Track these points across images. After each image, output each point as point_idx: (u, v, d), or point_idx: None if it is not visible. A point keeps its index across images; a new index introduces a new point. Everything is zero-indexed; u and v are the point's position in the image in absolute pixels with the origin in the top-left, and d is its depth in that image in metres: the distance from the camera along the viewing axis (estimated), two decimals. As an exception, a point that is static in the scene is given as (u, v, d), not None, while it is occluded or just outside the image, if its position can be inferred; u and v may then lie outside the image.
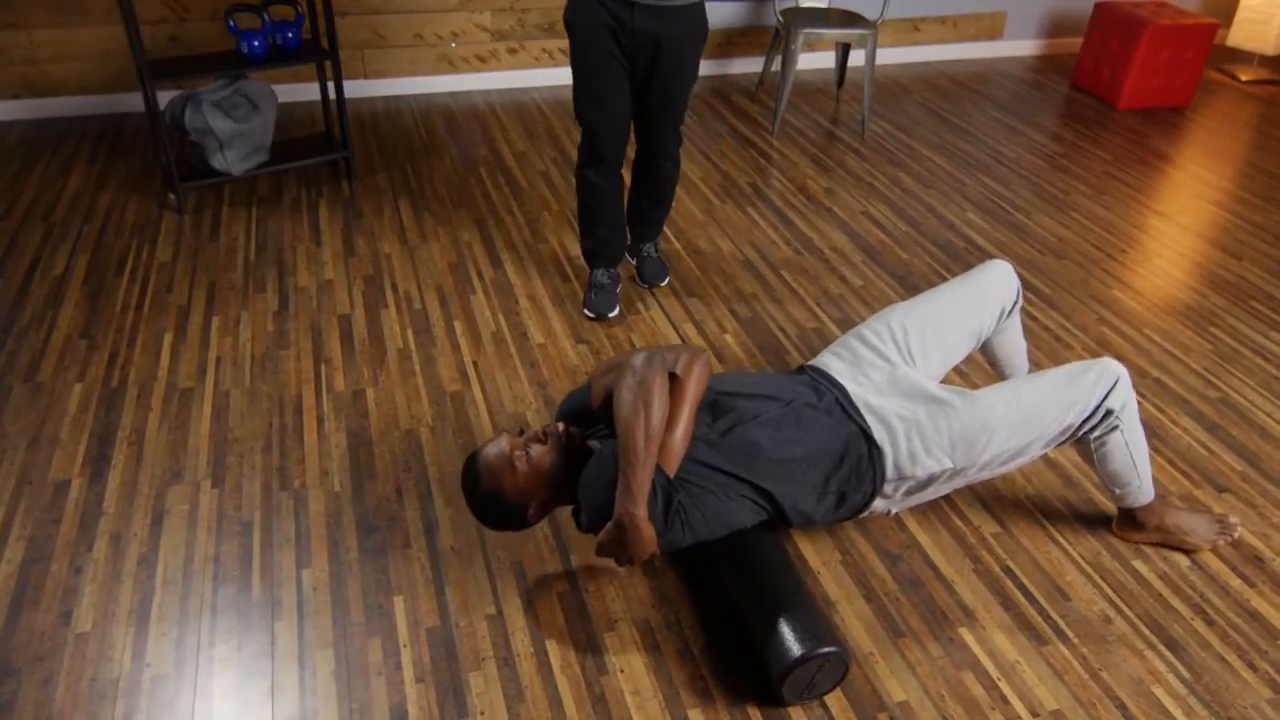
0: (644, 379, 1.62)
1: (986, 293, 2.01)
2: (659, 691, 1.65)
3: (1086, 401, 1.77)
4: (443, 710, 1.61)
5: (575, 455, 1.73)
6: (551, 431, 1.73)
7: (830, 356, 1.97)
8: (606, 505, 1.63)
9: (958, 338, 1.99)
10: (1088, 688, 1.69)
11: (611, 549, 1.63)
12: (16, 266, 2.80)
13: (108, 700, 1.60)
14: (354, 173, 3.37)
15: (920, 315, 1.97)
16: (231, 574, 1.85)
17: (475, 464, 1.72)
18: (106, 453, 2.12)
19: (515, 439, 1.72)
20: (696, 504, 1.67)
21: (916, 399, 1.82)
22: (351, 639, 1.72)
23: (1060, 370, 1.82)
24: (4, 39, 3.62)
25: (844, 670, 1.62)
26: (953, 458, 1.77)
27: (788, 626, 1.60)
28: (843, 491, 1.78)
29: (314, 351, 2.48)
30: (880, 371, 1.89)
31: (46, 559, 1.86)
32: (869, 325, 1.98)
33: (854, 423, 1.79)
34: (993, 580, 1.90)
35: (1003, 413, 1.77)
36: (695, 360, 1.70)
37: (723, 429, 1.73)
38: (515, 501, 1.70)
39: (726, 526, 1.72)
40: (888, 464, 1.78)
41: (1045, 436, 1.79)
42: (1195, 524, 1.98)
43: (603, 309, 2.64)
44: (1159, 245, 3.20)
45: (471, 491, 1.72)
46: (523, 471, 1.68)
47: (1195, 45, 4.24)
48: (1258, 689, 1.70)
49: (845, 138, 3.96)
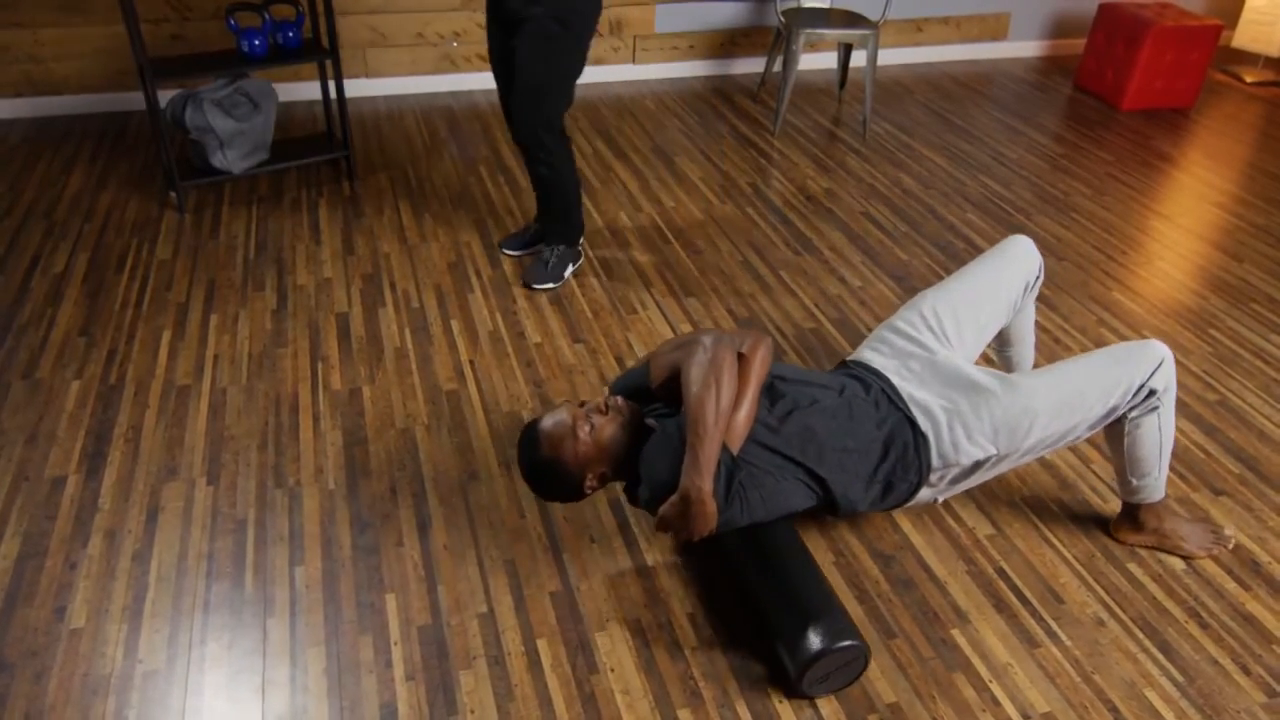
0: (715, 356, 1.64)
1: (1012, 267, 2.02)
2: (649, 691, 1.65)
3: (1131, 381, 1.77)
4: (432, 708, 1.61)
5: (635, 431, 1.75)
6: (614, 404, 1.75)
7: (870, 352, 1.97)
8: (670, 480, 1.64)
9: (990, 314, 2.00)
10: (1080, 690, 1.68)
11: (675, 523, 1.64)
12: (17, 264, 2.82)
13: (99, 696, 1.61)
14: (354, 172, 3.37)
15: (950, 297, 1.98)
16: (225, 571, 1.85)
17: (535, 431, 1.73)
18: (103, 449, 2.13)
19: (577, 409, 1.74)
20: (755, 484, 1.69)
21: (958, 387, 1.82)
22: (343, 636, 1.73)
23: (1103, 352, 1.81)
24: (8, 37, 3.64)
25: (860, 670, 1.64)
26: (996, 444, 1.78)
27: (819, 617, 1.61)
28: (889, 481, 1.80)
29: (311, 350, 2.49)
30: (920, 361, 1.90)
31: (41, 555, 1.87)
32: (900, 316, 2.00)
33: (901, 414, 1.81)
34: (986, 582, 1.90)
35: (1045, 397, 1.77)
36: (760, 343, 1.74)
37: (781, 413, 1.75)
38: (573, 470, 1.72)
39: (780, 509, 1.74)
40: (932, 454, 1.79)
41: (1090, 419, 1.79)
42: (1192, 531, 1.97)
43: None
44: (1160, 247, 3.19)
45: (529, 458, 1.73)
46: (584, 441, 1.70)
47: (1199, 47, 4.23)
48: (1251, 693, 1.69)
49: (846, 138, 3.95)
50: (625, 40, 4.39)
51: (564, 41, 2.47)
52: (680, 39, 4.47)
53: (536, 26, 2.44)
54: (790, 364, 1.93)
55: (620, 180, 3.49)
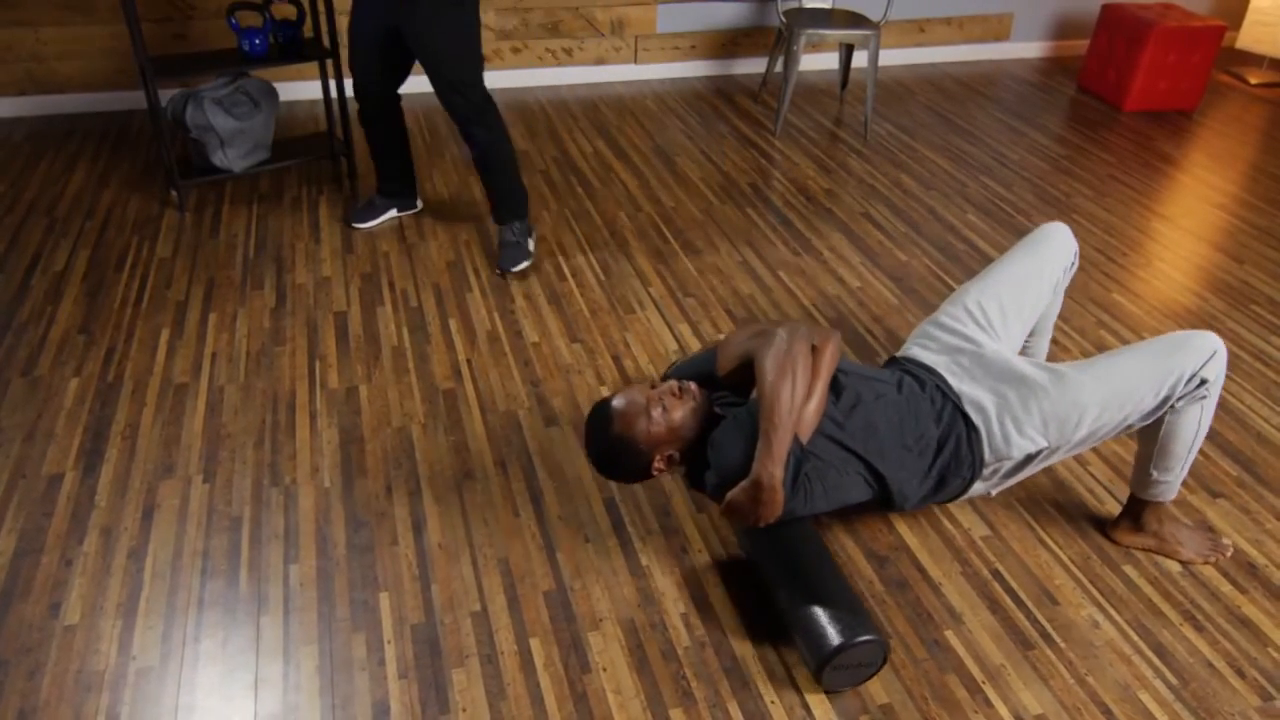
0: (791, 348, 1.67)
1: (1051, 253, 2.04)
2: (641, 691, 1.65)
3: (1184, 370, 1.76)
4: (424, 706, 1.61)
5: (704, 416, 1.78)
6: (688, 389, 1.78)
7: (918, 348, 1.99)
8: (740, 465, 1.67)
9: (1032, 302, 2.02)
10: (1073, 692, 1.68)
11: (744, 508, 1.66)
12: (18, 262, 2.83)
13: (93, 692, 1.61)
14: (355, 171, 3.38)
15: (994, 288, 2.00)
16: (220, 569, 1.86)
17: (607, 408, 1.76)
18: (100, 447, 2.14)
19: (649, 390, 1.77)
20: (819, 476, 1.72)
21: (1007, 380, 1.83)
22: (336, 634, 1.73)
23: (1155, 342, 1.81)
24: (11, 36, 3.65)
25: (870, 675, 1.65)
26: (1046, 437, 1.79)
27: (850, 611, 1.64)
28: (943, 476, 1.82)
29: (309, 348, 2.49)
30: (968, 355, 1.91)
31: (37, 552, 1.87)
32: (944, 311, 2.01)
33: (955, 409, 1.82)
34: (981, 583, 1.89)
35: (1093, 390, 1.77)
36: (830, 338, 1.78)
37: (846, 407, 1.77)
38: (644, 450, 1.74)
39: (839, 501, 1.77)
40: (985, 448, 1.80)
41: (1143, 409, 1.79)
42: (1190, 537, 1.97)
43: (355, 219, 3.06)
44: (1160, 249, 3.18)
45: (600, 435, 1.75)
46: (657, 422, 1.73)
47: (1202, 48, 4.21)
48: (1246, 696, 1.69)
49: (847, 139, 3.95)
50: (627, 40, 4.39)
51: (461, 7, 2.58)
52: (682, 39, 4.47)
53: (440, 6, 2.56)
54: (847, 360, 1.94)
55: (620, 180, 3.49)
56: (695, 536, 1.97)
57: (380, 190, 3.09)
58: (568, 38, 4.30)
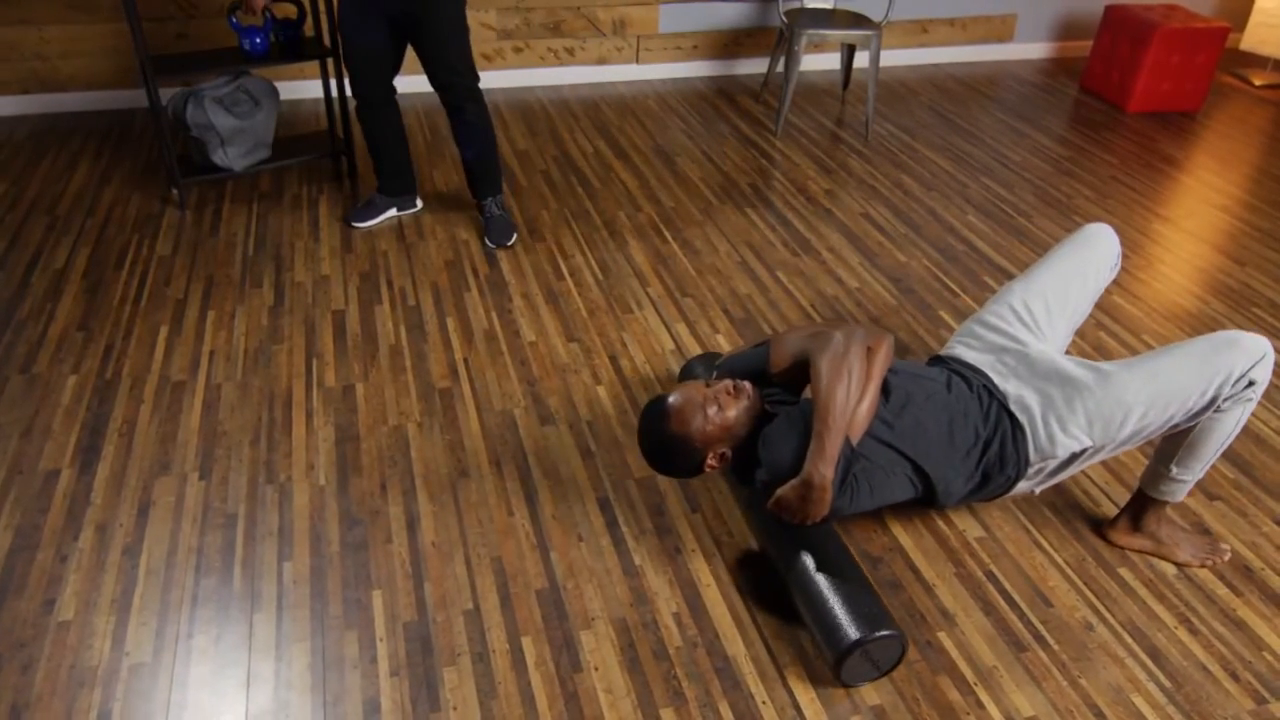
0: (848, 350, 1.69)
1: (1096, 254, 2.03)
2: (632, 690, 1.65)
3: (1232, 370, 1.74)
4: (415, 704, 1.61)
5: (757, 415, 1.80)
6: (743, 388, 1.79)
7: (962, 347, 1.99)
8: (792, 463, 1.68)
9: (1077, 302, 2.01)
10: (1065, 695, 1.67)
11: (793, 505, 1.68)
12: (19, 259, 2.84)
13: (85, 688, 1.62)
14: (355, 170, 3.39)
15: (1040, 288, 2.00)
16: (214, 566, 1.86)
17: (663, 405, 1.77)
18: (97, 444, 2.15)
19: (704, 388, 1.78)
20: (865, 476, 1.73)
21: (1051, 380, 1.84)
22: (329, 632, 1.73)
23: (1203, 340, 1.79)
24: (15, 35, 3.67)
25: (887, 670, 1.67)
26: (1091, 436, 1.78)
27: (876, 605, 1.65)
28: (987, 474, 1.83)
29: (306, 347, 2.50)
30: (1013, 355, 1.92)
31: (33, 548, 1.88)
32: (990, 310, 2.01)
33: (1001, 409, 1.83)
34: (975, 585, 1.89)
35: (1139, 389, 1.76)
36: (883, 340, 1.78)
37: (896, 408, 1.78)
38: (698, 447, 1.75)
39: (882, 501, 1.79)
40: (1030, 448, 1.81)
41: (1188, 408, 1.77)
42: (1188, 541, 1.96)
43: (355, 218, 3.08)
44: (1161, 250, 3.17)
45: (655, 431, 1.76)
46: (713, 420, 1.75)
47: (1206, 49, 4.20)
48: (1240, 700, 1.68)
49: (849, 139, 3.94)
50: (629, 40, 4.39)
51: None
52: (684, 39, 4.47)
53: None
54: (896, 359, 1.95)
55: (620, 180, 3.49)
56: (689, 536, 1.97)
57: (380, 189, 3.11)
58: (570, 37, 4.30)
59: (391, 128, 3.00)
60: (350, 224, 3.06)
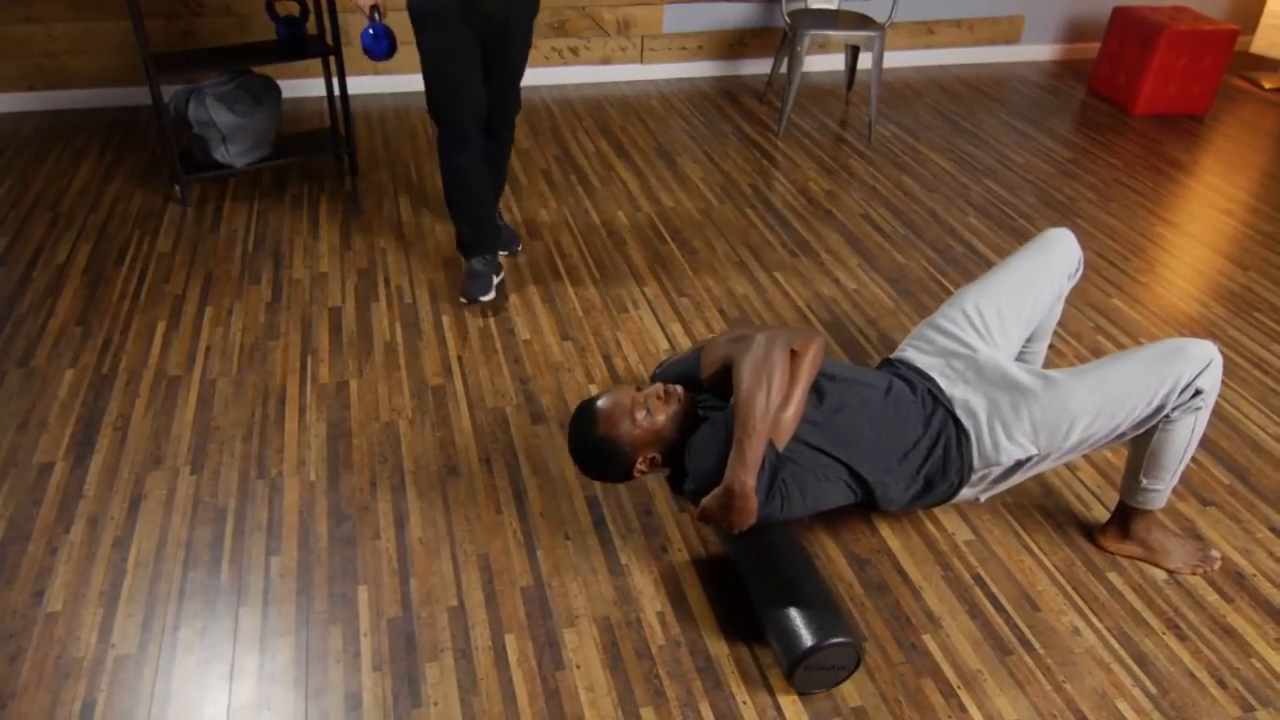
0: (769, 354, 1.66)
1: (1055, 260, 2.01)
2: (613, 688, 1.65)
3: (1178, 379, 1.73)
4: (397, 699, 1.62)
5: (688, 420, 1.78)
6: (672, 392, 1.77)
7: (913, 351, 1.98)
8: (715, 472, 1.67)
9: (1032, 308, 1.99)
10: (1049, 699, 1.66)
11: (717, 514, 1.66)
12: (21, 254, 2.87)
13: (70, 679, 1.63)
14: (356, 168, 3.40)
15: (993, 293, 1.98)
16: (202, 559, 1.87)
17: (591, 409, 1.75)
18: (92, 437, 2.16)
19: (635, 392, 1.76)
20: (797, 481, 1.71)
21: (999, 385, 1.82)
22: (313, 626, 1.74)
23: (1151, 349, 1.78)
24: (23, 32, 3.70)
25: (843, 679, 1.65)
26: (1036, 443, 1.77)
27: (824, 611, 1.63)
28: (929, 480, 1.81)
29: (302, 343, 2.51)
30: (963, 359, 1.90)
31: (24, 539, 1.90)
32: (942, 314, 2.00)
33: (946, 413, 1.81)
34: (962, 588, 1.88)
35: (1084, 397, 1.75)
36: (812, 342, 1.75)
37: (829, 411, 1.76)
38: (626, 452, 1.73)
39: (818, 506, 1.76)
40: (974, 454, 1.79)
41: (1134, 418, 1.76)
42: (1179, 547, 1.94)
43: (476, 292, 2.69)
44: (1164, 254, 3.14)
45: (583, 434, 1.75)
46: (641, 425, 1.72)
47: (1214, 51, 4.16)
48: (1226, 707, 1.66)
49: (851, 140, 3.93)
50: (633, 40, 4.39)
51: (536, 15, 2.59)
52: (689, 39, 4.47)
53: (528, 18, 2.54)
54: (836, 360, 1.93)
55: (620, 179, 3.49)
56: (676, 536, 1.97)
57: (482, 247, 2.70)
58: (574, 37, 4.31)
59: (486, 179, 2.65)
60: (478, 300, 2.66)
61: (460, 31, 2.39)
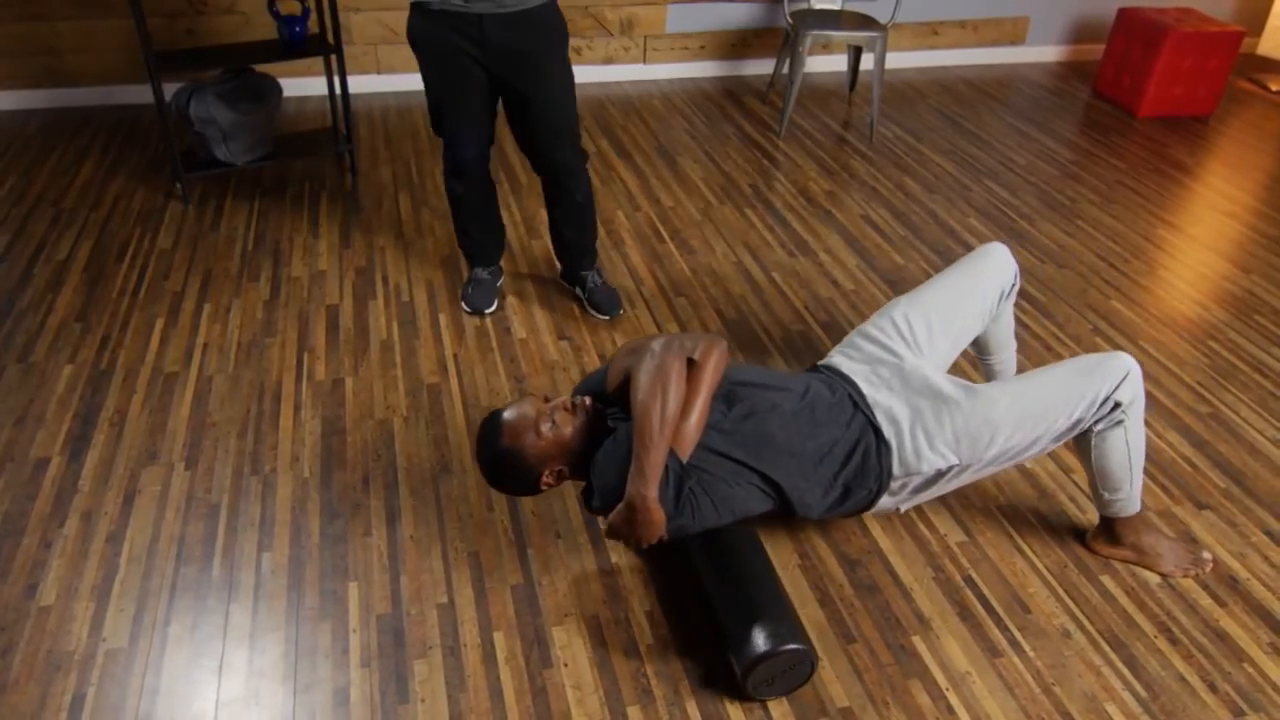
0: (662, 363, 1.63)
1: (986, 275, 2.00)
2: (600, 687, 1.65)
3: (1095, 393, 1.74)
4: (384, 695, 1.62)
5: (596, 432, 1.74)
6: (579, 404, 1.74)
7: (840, 357, 1.96)
8: (619, 486, 1.63)
9: (963, 322, 1.98)
10: (1038, 702, 1.66)
11: (622, 530, 1.64)
12: (22, 251, 2.88)
13: (61, 672, 1.64)
14: (356, 167, 3.41)
15: (923, 304, 1.96)
16: (194, 555, 1.88)
17: (497, 420, 1.71)
18: (88, 433, 2.18)
19: (541, 404, 1.72)
20: (707, 490, 1.68)
21: (923, 394, 1.81)
22: (303, 622, 1.75)
23: (1069, 364, 1.79)
24: (28, 30, 3.73)
25: (807, 675, 1.63)
26: (958, 454, 1.76)
27: (765, 620, 1.61)
28: (848, 486, 1.78)
29: (299, 340, 2.52)
30: (888, 367, 1.88)
31: (19, 534, 1.91)
32: (873, 322, 1.98)
33: (865, 419, 1.79)
34: (953, 590, 1.87)
35: (1006, 408, 1.75)
36: (713, 348, 1.70)
37: (738, 417, 1.73)
38: (531, 465, 1.69)
39: (735, 514, 1.73)
40: (894, 461, 1.77)
41: (1053, 431, 1.76)
42: (1170, 549, 1.93)
43: (480, 304, 2.63)
44: (1165, 256, 3.13)
45: (488, 446, 1.70)
46: (546, 437, 1.68)
47: (1219, 53, 4.14)
48: (1217, 711, 1.65)
49: (853, 141, 3.92)
50: (636, 40, 4.39)
51: (566, 45, 2.33)
52: (691, 39, 4.47)
53: (550, 47, 2.27)
54: (755, 366, 1.91)
55: (621, 179, 3.50)
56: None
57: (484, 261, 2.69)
58: (577, 37, 4.31)
59: (491, 193, 2.60)
60: (482, 312, 2.64)
61: (463, 69, 2.19)
